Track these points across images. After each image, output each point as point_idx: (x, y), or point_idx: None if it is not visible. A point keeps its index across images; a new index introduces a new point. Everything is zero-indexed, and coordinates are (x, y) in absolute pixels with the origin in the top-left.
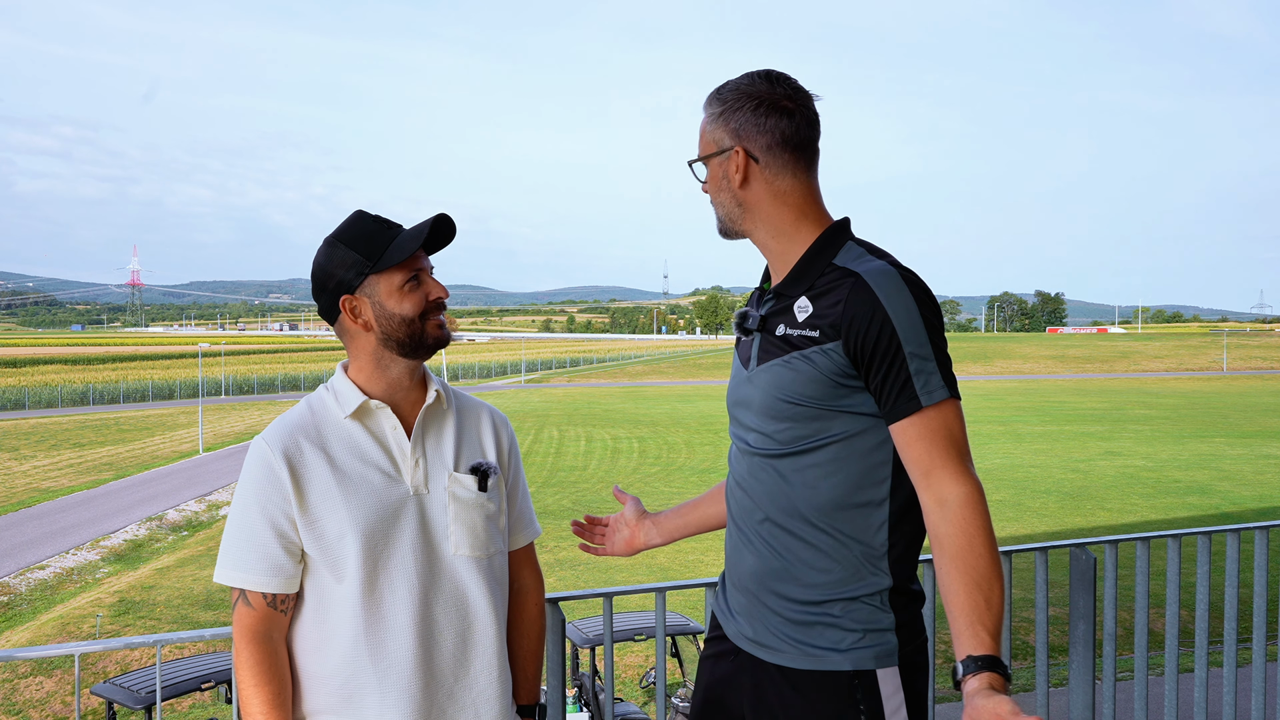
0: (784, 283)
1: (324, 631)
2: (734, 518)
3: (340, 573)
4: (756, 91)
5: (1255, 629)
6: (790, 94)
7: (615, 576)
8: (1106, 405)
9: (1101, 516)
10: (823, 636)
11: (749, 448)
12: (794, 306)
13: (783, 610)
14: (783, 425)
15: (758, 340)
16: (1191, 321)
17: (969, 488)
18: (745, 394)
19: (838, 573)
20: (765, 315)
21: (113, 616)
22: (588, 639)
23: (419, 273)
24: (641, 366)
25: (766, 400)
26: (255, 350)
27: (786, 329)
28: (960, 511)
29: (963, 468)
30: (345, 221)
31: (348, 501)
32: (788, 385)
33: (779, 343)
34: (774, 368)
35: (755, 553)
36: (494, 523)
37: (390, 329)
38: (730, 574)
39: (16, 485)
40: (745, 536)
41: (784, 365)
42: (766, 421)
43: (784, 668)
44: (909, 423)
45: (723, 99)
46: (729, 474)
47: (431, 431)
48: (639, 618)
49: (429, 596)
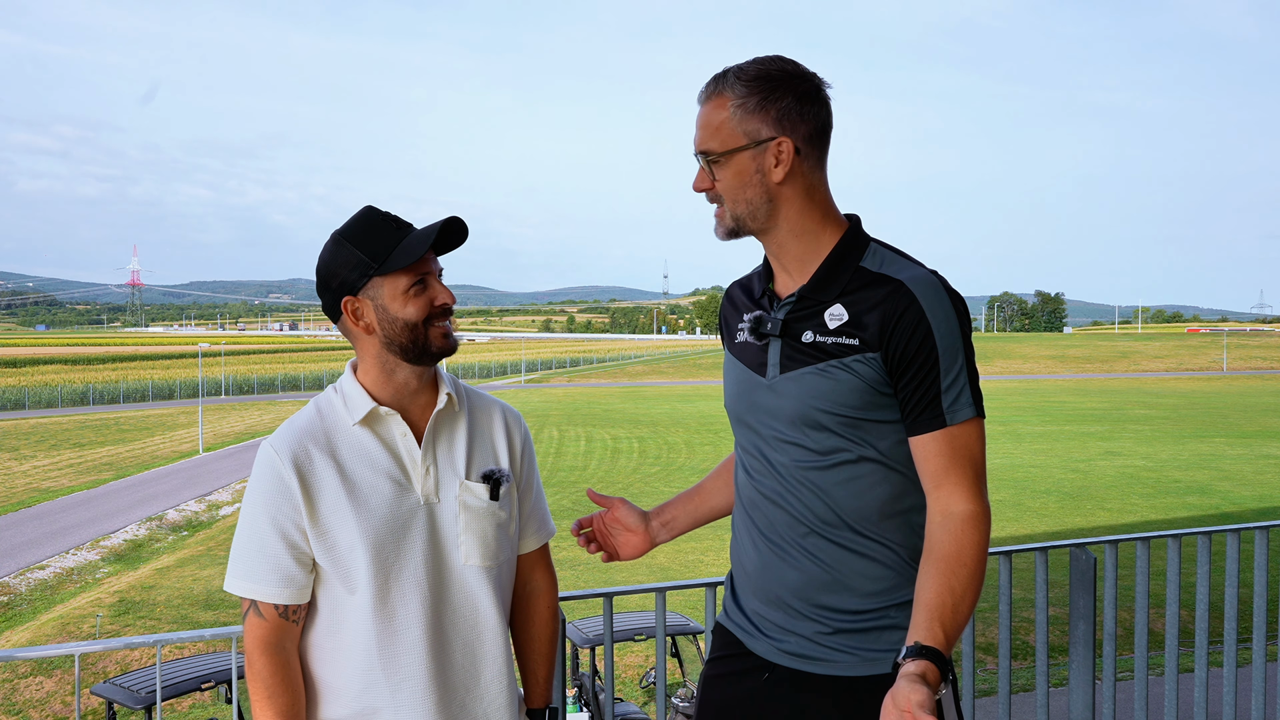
0: (810, 285)
1: (338, 643)
2: (763, 533)
3: (352, 584)
4: (794, 74)
5: (1255, 629)
6: (820, 80)
7: (615, 576)
8: (1106, 405)
9: (1101, 516)
10: (881, 640)
11: (781, 461)
12: (825, 312)
13: (835, 621)
14: (821, 435)
15: (777, 346)
16: (1191, 321)
17: (977, 506)
18: (767, 402)
19: (891, 579)
20: (787, 319)
21: (113, 616)
22: (588, 639)
23: (426, 276)
24: (641, 366)
25: (801, 410)
26: (255, 350)
27: (817, 336)
28: (962, 525)
29: (976, 488)
30: (354, 217)
31: (358, 512)
32: (827, 394)
33: (809, 350)
34: (807, 376)
35: (797, 567)
36: (504, 530)
37: (393, 333)
38: (760, 590)
39: (16, 485)
40: (782, 551)
41: (819, 374)
42: (801, 432)
43: (838, 678)
44: (931, 438)
45: (756, 85)
46: (748, 488)
47: (443, 437)
48: (639, 618)
49: (440, 608)
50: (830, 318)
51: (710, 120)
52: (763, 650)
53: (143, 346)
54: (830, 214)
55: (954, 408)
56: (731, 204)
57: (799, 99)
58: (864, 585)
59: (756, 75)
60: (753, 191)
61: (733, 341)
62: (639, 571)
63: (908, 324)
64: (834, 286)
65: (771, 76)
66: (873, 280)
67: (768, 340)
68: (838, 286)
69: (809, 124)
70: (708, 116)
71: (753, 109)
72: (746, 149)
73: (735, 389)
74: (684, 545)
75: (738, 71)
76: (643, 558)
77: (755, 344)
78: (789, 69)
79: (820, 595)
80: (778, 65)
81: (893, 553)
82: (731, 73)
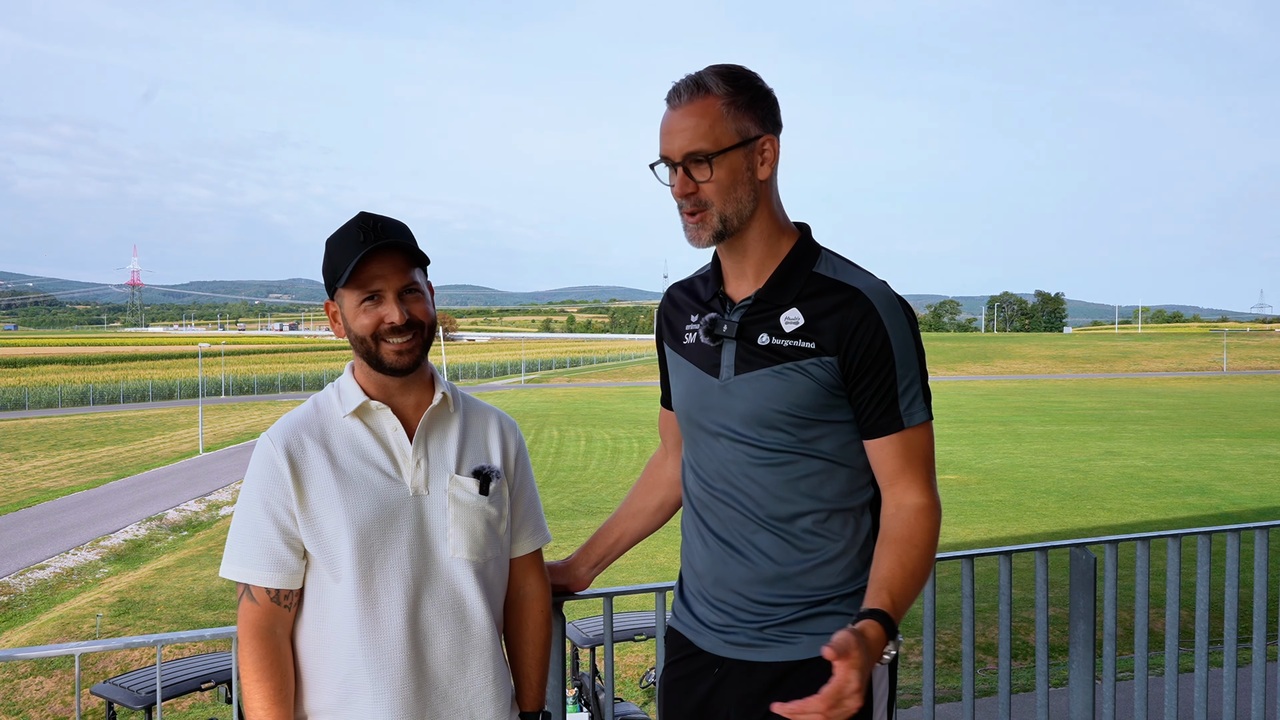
0: (767, 289)
1: (324, 632)
2: (713, 531)
3: (337, 571)
4: (759, 77)
5: (1255, 629)
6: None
7: (615, 576)
8: (1106, 405)
9: (1101, 516)
10: (826, 625)
11: (732, 459)
12: (781, 316)
13: (782, 613)
14: (773, 434)
15: (732, 348)
16: (1191, 321)
17: (929, 500)
18: (721, 403)
19: (838, 574)
20: (742, 321)
21: (113, 616)
22: (588, 639)
23: (379, 292)
24: (641, 366)
25: (756, 410)
26: (255, 350)
27: (773, 338)
28: (914, 514)
29: (928, 484)
30: (343, 224)
31: (345, 499)
32: (782, 395)
33: (764, 352)
34: (763, 378)
35: (746, 562)
36: (494, 528)
37: (353, 341)
38: (709, 587)
39: (16, 485)
40: (731, 548)
41: (775, 376)
42: (755, 431)
43: (774, 663)
44: (888, 440)
45: (742, 84)
46: (697, 488)
47: (435, 433)
48: (639, 618)
49: (422, 598)
50: (786, 321)
51: (700, 121)
52: (710, 646)
53: (143, 346)
54: (786, 220)
55: (909, 411)
56: (721, 204)
57: (772, 100)
58: (811, 579)
59: (736, 75)
60: (742, 190)
61: (680, 343)
62: (639, 571)
63: (865, 332)
64: (790, 290)
65: (747, 76)
66: (829, 286)
67: (721, 342)
68: (793, 291)
69: (778, 125)
70: (695, 118)
71: (743, 107)
72: (739, 147)
73: (685, 389)
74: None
75: (715, 73)
76: (642, 558)
77: (708, 345)
78: (751, 72)
79: (768, 588)
80: (741, 69)
81: (839, 547)
82: (709, 75)
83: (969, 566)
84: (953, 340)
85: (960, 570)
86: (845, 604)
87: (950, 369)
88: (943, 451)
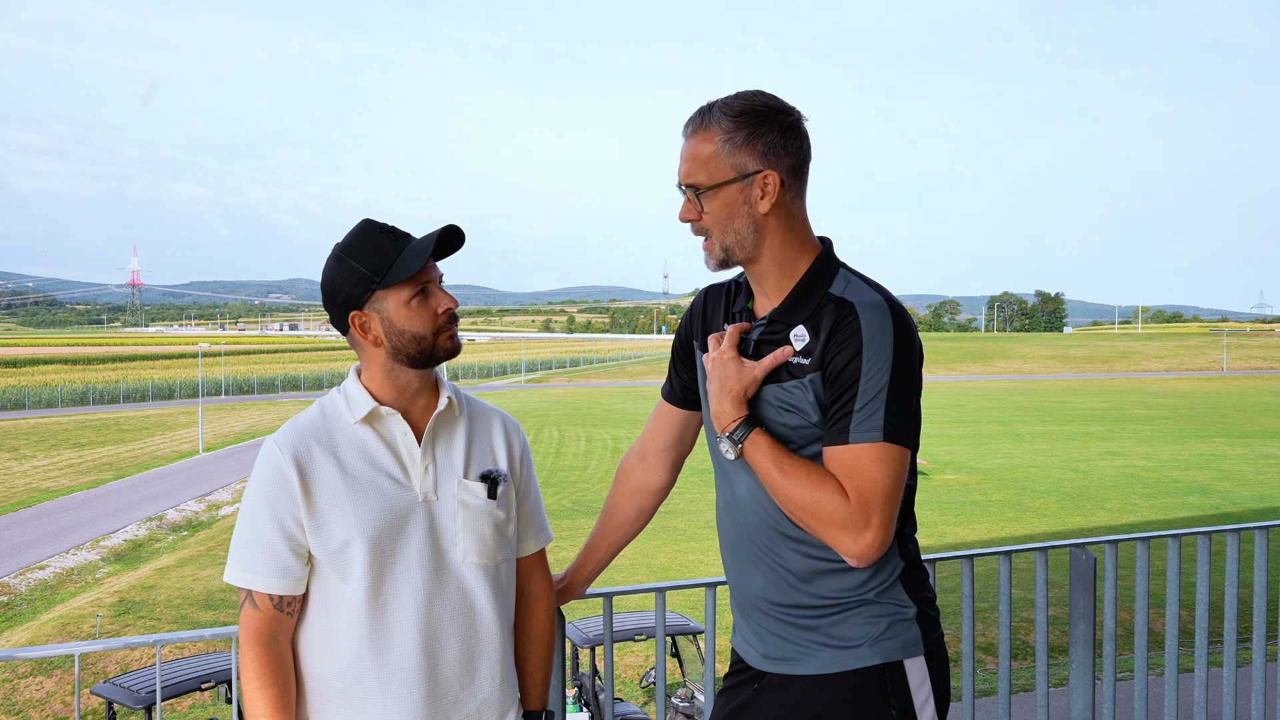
0: (780, 309)
1: (328, 633)
2: (734, 542)
3: (346, 574)
4: (778, 109)
5: (1255, 629)
6: (800, 114)
7: (615, 576)
8: (1106, 405)
9: (1101, 516)
10: (849, 633)
11: (750, 469)
12: (791, 335)
13: (803, 620)
14: (787, 447)
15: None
16: (1191, 321)
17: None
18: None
19: (857, 579)
20: (759, 340)
21: (113, 616)
22: (588, 639)
23: (427, 285)
24: (641, 366)
25: (767, 426)
26: (255, 350)
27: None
28: (834, 506)
29: (863, 516)
30: (352, 232)
31: (355, 506)
32: (787, 411)
33: (776, 369)
34: (773, 393)
35: (767, 569)
36: (502, 531)
37: (400, 344)
38: (740, 600)
39: (16, 485)
40: (751, 557)
41: (784, 392)
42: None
43: (810, 676)
44: (830, 452)
45: (742, 120)
46: (720, 499)
47: (442, 438)
48: (639, 618)
49: (434, 603)
50: (795, 339)
51: (697, 154)
52: (754, 660)
53: (143, 346)
54: (807, 241)
55: (861, 428)
56: (720, 235)
57: (782, 133)
58: (825, 584)
59: (742, 110)
60: (740, 223)
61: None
62: (639, 571)
63: (841, 341)
64: (802, 310)
65: (756, 111)
66: (834, 304)
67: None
68: (805, 310)
69: (791, 157)
70: (694, 150)
71: (740, 144)
72: (734, 182)
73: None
74: (684, 545)
75: (723, 106)
76: (642, 558)
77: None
78: (771, 104)
79: (790, 595)
80: (761, 100)
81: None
82: (717, 108)
83: (969, 566)
84: (953, 340)
85: (960, 570)
86: (868, 608)
87: (950, 369)
88: (943, 451)
